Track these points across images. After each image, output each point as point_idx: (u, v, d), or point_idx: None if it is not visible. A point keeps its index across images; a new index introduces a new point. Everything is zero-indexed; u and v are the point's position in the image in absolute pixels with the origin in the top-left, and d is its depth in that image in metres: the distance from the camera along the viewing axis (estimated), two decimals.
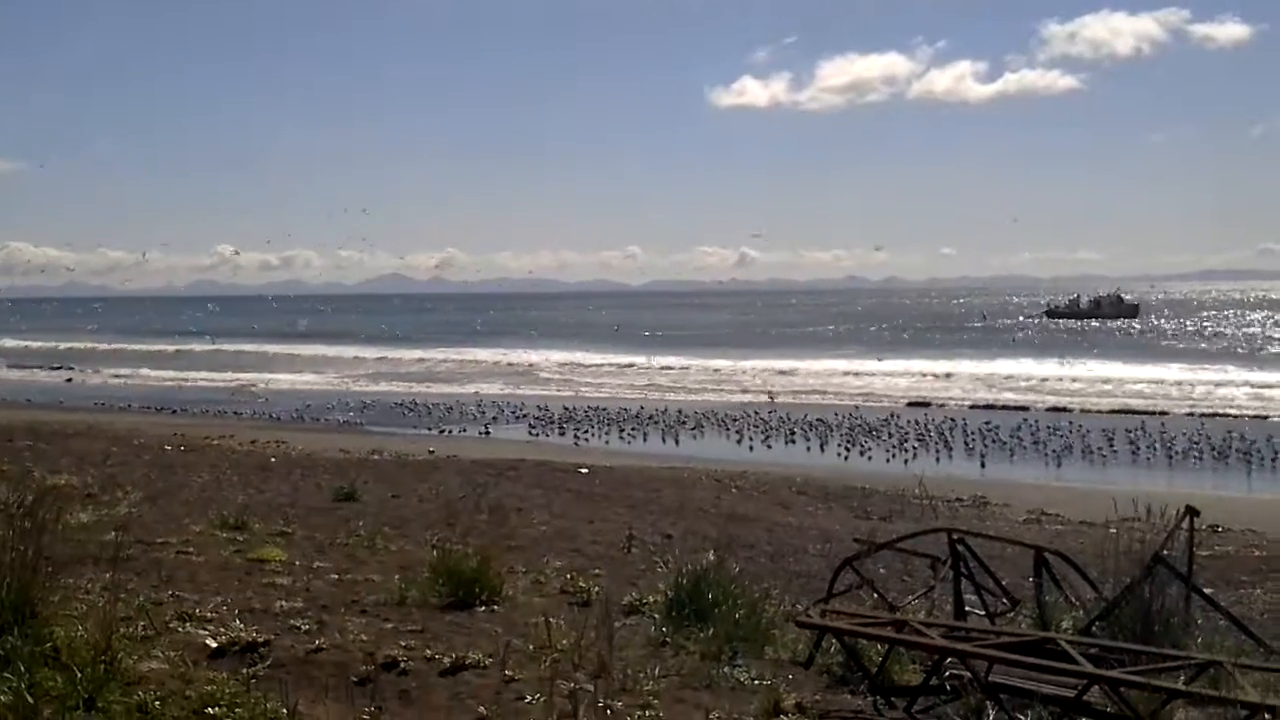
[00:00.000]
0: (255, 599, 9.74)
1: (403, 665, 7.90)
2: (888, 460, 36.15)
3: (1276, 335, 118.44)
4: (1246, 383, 62.18)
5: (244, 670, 7.46)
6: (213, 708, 6.65)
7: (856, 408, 51.15)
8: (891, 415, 46.22)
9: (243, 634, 8.17)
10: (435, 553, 11.10)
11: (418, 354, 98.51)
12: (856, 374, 72.64)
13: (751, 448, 39.97)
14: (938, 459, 36.59)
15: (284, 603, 9.62)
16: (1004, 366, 74.72)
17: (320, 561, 12.14)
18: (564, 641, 8.24)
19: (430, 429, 44.73)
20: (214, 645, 7.96)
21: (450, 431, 43.60)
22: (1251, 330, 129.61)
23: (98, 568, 10.13)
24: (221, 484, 21.24)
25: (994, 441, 39.17)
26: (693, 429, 44.64)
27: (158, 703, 6.68)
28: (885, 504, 24.52)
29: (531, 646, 8.34)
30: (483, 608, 9.90)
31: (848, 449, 38.50)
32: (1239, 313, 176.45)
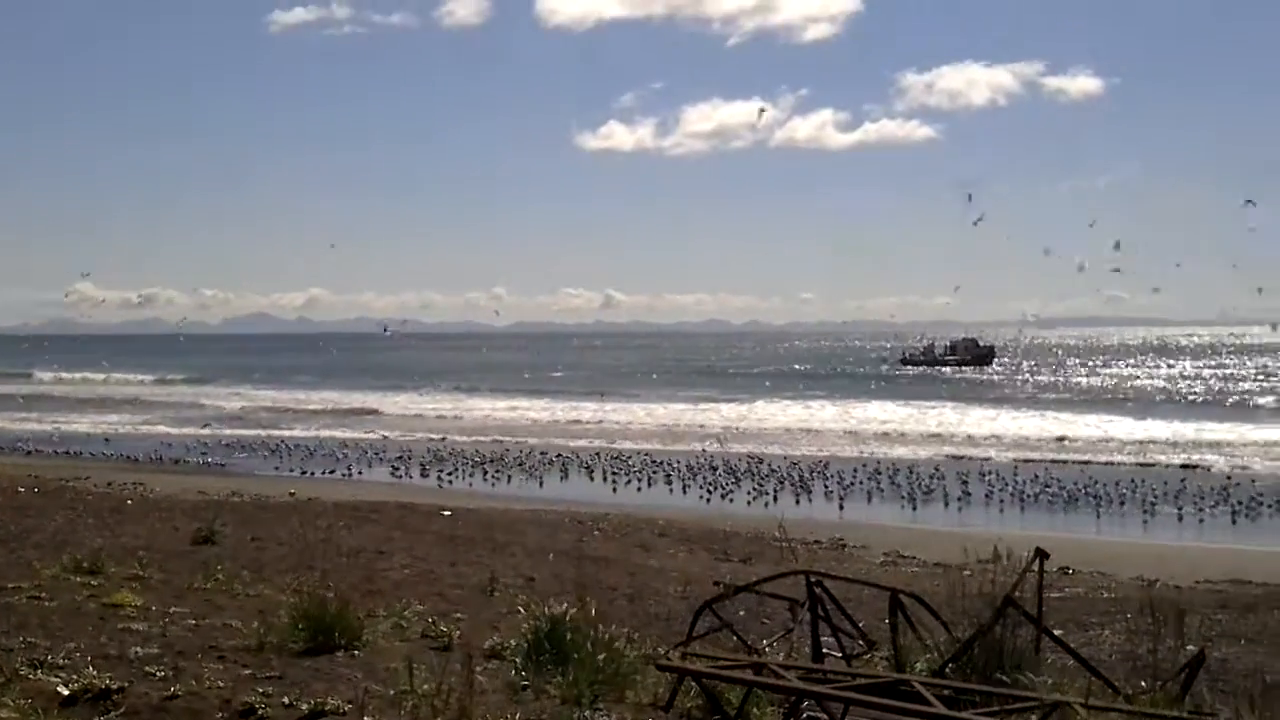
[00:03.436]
0: (109, 645, 9.57)
1: (260, 712, 7.82)
2: (748, 503, 36.44)
3: (1128, 381, 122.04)
4: (1096, 428, 64.03)
5: (97, 718, 7.35)
6: None
7: (704, 453, 51.49)
8: (752, 459, 46.65)
9: (96, 681, 8.03)
10: (295, 597, 11.00)
11: (282, 395, 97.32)
12: (722, 418, 73.29)
13: (615, 489, 40.08)
14: (797, 501, 37.01)
15: (139, 649, 9.46)
16: (861, 412, 75.93)
17: (177, 606, 11.93)
18: (424, 687, 8.22)
19: (292, 470, 44.15)
20: (66, 693, 7.81)
21: (312, 473, 43.08)
22: (1102, 378, 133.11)
23: None
24: (76, 527, 20.76)
25: (852, 484, 39.72)
26: (557, 472, 44.61)
27: None
28: (745, 546, 24.73)
29: (391, 692, 8.31)
30: (342, 653, 9.83)
31: (710, 491, 38.77)
32: (1089, 359, 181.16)
